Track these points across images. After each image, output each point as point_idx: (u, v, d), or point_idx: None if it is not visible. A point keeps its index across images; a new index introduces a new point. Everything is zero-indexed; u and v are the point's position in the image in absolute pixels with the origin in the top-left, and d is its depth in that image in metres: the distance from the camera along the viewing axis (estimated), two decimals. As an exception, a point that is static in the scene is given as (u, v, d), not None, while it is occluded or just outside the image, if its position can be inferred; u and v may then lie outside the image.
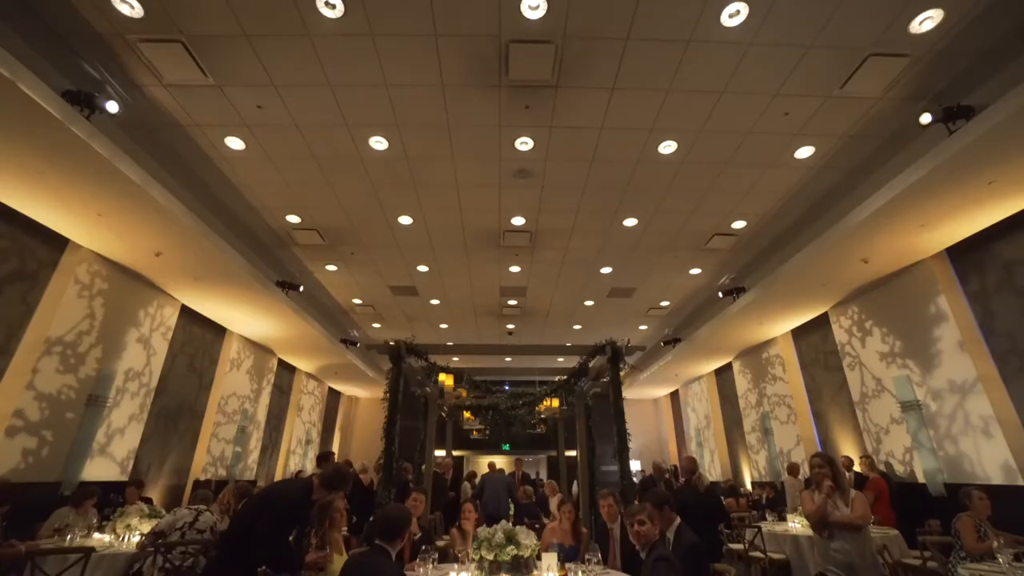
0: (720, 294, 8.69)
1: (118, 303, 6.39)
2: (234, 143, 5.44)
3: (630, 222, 7.11)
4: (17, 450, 5.09)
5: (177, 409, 7.79)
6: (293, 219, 7.02)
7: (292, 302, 8.25)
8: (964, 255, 5.77)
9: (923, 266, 6.22)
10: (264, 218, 7.00)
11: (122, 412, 6.55)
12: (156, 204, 5.01)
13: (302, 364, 11.87)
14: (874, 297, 7.12)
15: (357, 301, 10.23)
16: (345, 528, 3.86)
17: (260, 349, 10.25)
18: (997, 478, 5.27)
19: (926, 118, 4.58)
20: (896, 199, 4.93)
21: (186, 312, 7.90)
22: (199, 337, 8.33)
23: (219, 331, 8.88)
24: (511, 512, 7.28)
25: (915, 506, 6.03)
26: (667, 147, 5.52)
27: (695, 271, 8.77)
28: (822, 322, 8.30)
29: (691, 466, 5.55)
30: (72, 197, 4.86)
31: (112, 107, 4.49)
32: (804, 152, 5.57)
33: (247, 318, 8.54)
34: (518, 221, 7.11)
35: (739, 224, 7.15)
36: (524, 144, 5.48)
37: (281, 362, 11.24)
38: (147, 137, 5.30)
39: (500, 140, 5.42)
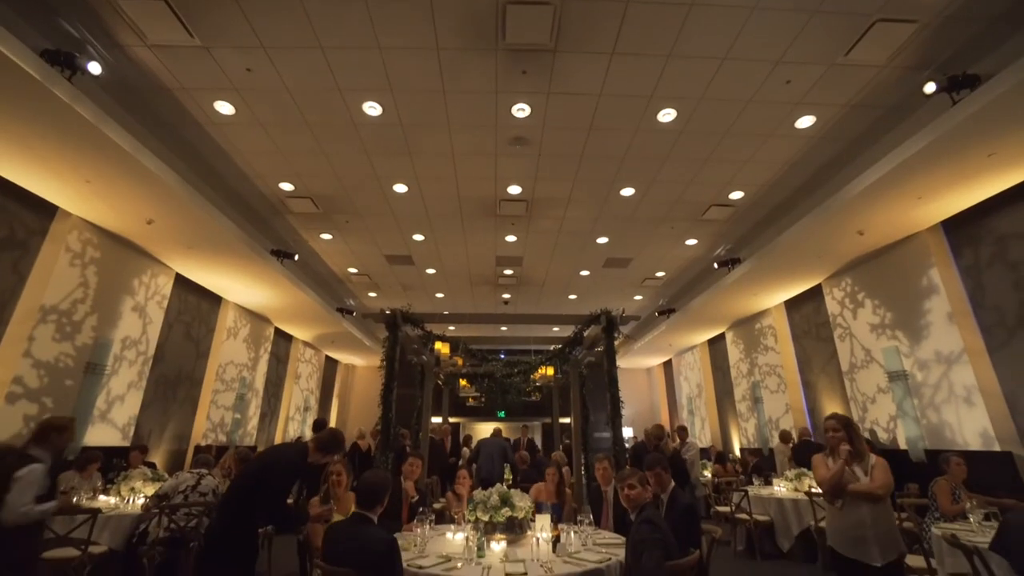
0: (716, 265, 8.72)
1: (111, 271, 6.35)
2: (224, 108, 5.30)
3: (627, 192, 7.05)
4: (19, 416, 5.15)
5: (176, 377, 7.87)
6: (286, 187, 6.92)
7: (287, 271, 8.22)
8: (959, 228, 5.78)
9: (918, 239, 6.24)
10: (257, 186, 6.89)
11: (121, 379, 6.61)
12: (146, 171, 4.91)
13: (299, 333, 11.93)
14: (868, 269, 7.17)
15: (353, 270, 10.21)
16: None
17: (256, 318, 10.28)
18: (975, 444, 5.46)
19: (930, 87, 4.50)
20: (896, 170, 4.90)
21: (181, 281, 7.86)
22: (195, 306, 8.33)
23: (215, 300, 8.87)
24: (507, 477, 7.48)
25: (896, 471, 6.20)
26: (666, 115, 5.42)
27: (691, 242, 8.77)
28: (815, 294, 8.38)
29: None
30: (58, 163, 4.75)
31: (94, 68, 4.34)
32: (805, 122, 5.49)
33: (242, 287, 8.52)
34: (514, 190, 7.04)
35: (737, 195, 7.11)
36: (521, 111, 5.36)
37: (278, 331, 11.29)
38: (134, 101, 5.14)
39: (496, 106, 5.30)
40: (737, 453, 10.66)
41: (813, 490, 5.36)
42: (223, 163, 6.32)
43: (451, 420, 13.57)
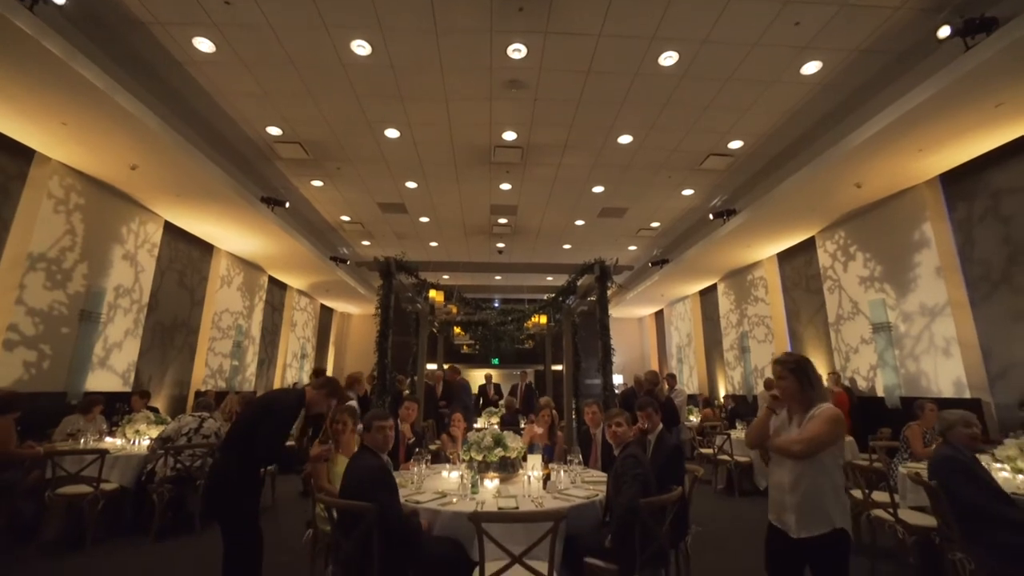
0: (711, 216, 8.67)
1: (98, 219, 6.23)
2: (203, 45, 5.01)
3: (625, 139, 6.88)
4: (18, 362, 5.22)
5: (172, 324, 7.92)
6: (274, 131, 6.68)
7: (278, 219, 8.10)
8: (956, 182, 5.74)
9: (915, 192, 6.21)
10: (243, 130, 6.64)
11: (117, 327, 6.65)
12: (123, 112, 4.70)
13: (293, 281, 11.92)
14: (862, 223, 7.18)
15: (345, 218, 10.07)
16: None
17: (249, 266, 10.22)
18: (948, 392, 5.70)
19: (944, 31, 4.32)
20: (901, 120, 4.79)
21: (171, 229, 7.75)
22: (186, 254, 8.25)
23: (206, 248, 8.78)
24: (495, 421, 7.75)
25: (871, 417, 6.56)
26: (668, 58, 5.20)
27: (687, 192, 8.67)
28: (808, 246, 8.42)
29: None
30: (29, 104, 4.53)
31: (59, -3, 4.05)
32: (811, 68, 5.29)
33: (234, 235, 8.42)
34: (509, 136, 6.84)
35: (735, 144, 6.96)
36: (517, 52, 5.11)
37: (272, 279, 11.27)
38: (106, 37, 4.84)
39: (491, 47, 5.05)
40: (722, 400, 11.09)
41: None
42: (207, 106, 6.06)
43: (446, 367, 13.87)
